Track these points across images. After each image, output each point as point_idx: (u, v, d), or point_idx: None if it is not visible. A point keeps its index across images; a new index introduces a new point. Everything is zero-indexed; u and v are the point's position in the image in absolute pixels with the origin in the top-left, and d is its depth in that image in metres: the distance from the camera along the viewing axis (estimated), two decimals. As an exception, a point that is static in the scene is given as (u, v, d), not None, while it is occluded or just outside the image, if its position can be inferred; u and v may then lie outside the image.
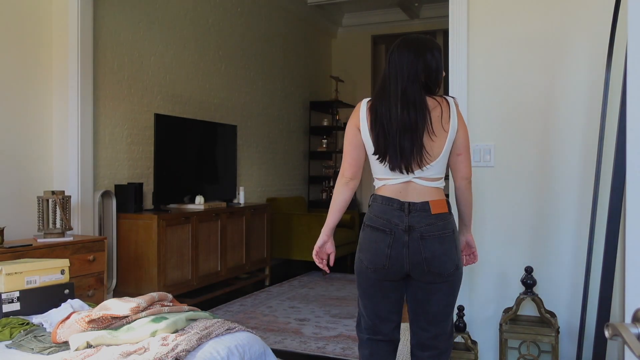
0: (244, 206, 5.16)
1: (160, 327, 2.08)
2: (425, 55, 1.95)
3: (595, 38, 2.64)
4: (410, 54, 1.95)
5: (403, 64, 1.95)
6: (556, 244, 2.74)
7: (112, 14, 4.26)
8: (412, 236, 1.91)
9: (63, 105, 3.71)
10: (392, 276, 1.96)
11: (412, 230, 1.91)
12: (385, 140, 1.92)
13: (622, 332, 0.75)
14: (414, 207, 1.92)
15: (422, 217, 1.92)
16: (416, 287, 1.98)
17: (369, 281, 2.01)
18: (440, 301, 1.98)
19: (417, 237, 1.91)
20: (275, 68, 6.70)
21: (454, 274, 1.96)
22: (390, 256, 1.93)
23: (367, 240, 1.99)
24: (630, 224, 0.98)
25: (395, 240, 1.92)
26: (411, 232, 1.91)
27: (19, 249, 2.94)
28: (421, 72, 1.94)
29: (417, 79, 1.94)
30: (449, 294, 1.99)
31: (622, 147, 2.26)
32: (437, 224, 1.92)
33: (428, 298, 1.98)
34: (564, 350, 2.70)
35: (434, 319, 2.01)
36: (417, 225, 1.91)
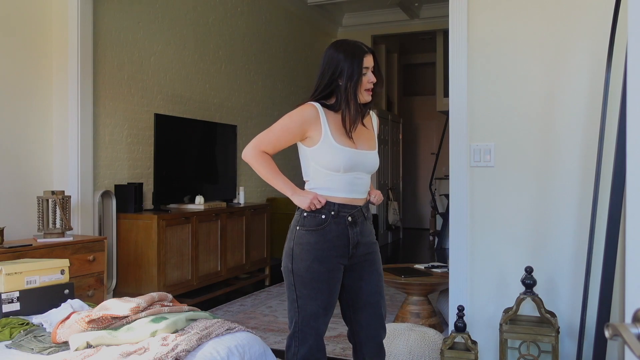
0: (244, 206, 5.16)
1: (160, 327, 2.08)
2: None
3: (595, 38, 2.64)
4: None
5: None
6: (556, 244, 2.74)
7: (112, 14, 4.26)
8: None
9: (63, 105, 3.71)
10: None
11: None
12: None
13: (622, 332, 0.75)
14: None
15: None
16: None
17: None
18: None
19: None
20: (275, 68, 6.70)
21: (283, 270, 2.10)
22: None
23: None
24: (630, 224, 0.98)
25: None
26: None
27: (19, 249, 2.94)
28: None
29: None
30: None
31: (622, 147, 2.26)
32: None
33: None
34: (564, 350, 2.70)
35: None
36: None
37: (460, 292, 2.89)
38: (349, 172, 2.01)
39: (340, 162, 1.98)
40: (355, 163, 2.01)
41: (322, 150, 2.00)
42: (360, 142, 2.05)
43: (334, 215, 2.00)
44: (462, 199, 2.89)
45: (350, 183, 2.02)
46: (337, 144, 1.99)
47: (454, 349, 2.64)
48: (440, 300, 3.98)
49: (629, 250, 0.99)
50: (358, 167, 2.02)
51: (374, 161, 2.08)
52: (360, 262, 2.08)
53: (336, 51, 2.02)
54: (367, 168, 2.06)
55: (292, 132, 2.03)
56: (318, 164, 2.03)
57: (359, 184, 2.04)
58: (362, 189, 2.07)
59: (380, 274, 2.15)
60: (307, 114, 2.01)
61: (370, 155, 2.07)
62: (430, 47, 9.30)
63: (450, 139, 2.92)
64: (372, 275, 2.11)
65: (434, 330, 3.00)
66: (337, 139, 2.00)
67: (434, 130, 10.12)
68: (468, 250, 2.89)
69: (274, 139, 2.05)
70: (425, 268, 4.05)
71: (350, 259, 2.05)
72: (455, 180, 2.91)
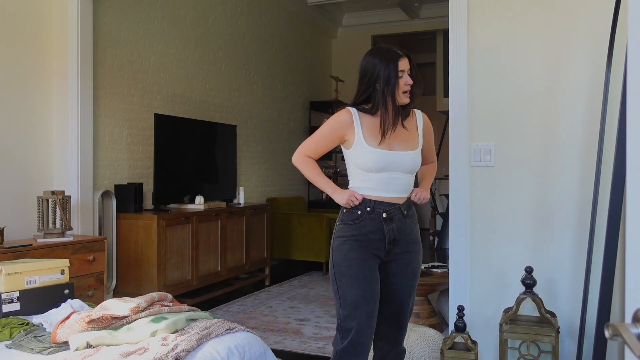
0: (244, 206, 5.16)
1: (160, 327, 2.08)
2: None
3: (595, 38, 2.64)
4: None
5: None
6: (556, 244, 2.74)
7: (112, 14, 4.26)
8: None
9: (63, 105, 3.71)
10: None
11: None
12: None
13: (622, 332, 0.75)
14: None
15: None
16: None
17: None
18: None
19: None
20: (275, 68, 6.70)
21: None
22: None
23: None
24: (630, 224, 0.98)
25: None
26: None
27: (19, 249, 2.94)
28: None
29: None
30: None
31: (622, 147, 2.26)
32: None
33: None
34: (564, 350, 2.70)
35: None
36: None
37: (460, 292, 2.89)
38: (382, 172, 2.10)
39: (372, 163, 2.09)
40: (387, 164, 2.09)
41: (357, 152, 2.12)
42: (396, 143, 2.12)
43: (369, 212, 2.10)
44: (462, 199, 2.89)
45: (385, 182, 2.11)
46: (369, 146, 2.09)
47: (454, 349, 2.64)
48: (440, 300, 3.98)
49: (629, 250, 0.99)
50: (392, 167, 2.10)
51: (412, 161, 2.12)
52: (397, 260, 2.15)
53: (372, 57, 2.12)
54: (403, 168, 2.11)
55: (329, 137, 2.19)
56: (355, 165, 2.15)
57: (395, 183, 2.11)
58: (398, 188, 2.12)
59: (416, 275, 2.20)
60: (342, 120, 2.14)
61: (406, 155, 2.11)
62: (430, 47, 9.30)
63: (450, 139, 2.92)
64: (406, 274, 2.17)
65: (434, 330, 3.00)
66: (370, 141, 2.10)
67: (434, 130, 10.10)
68: (468, 250, 2.89)
69: (313, 145, 2.22)
70: (425, 268, 4.05)
71: (387, 255, 2.13)
72: (455, 180, 2.91)
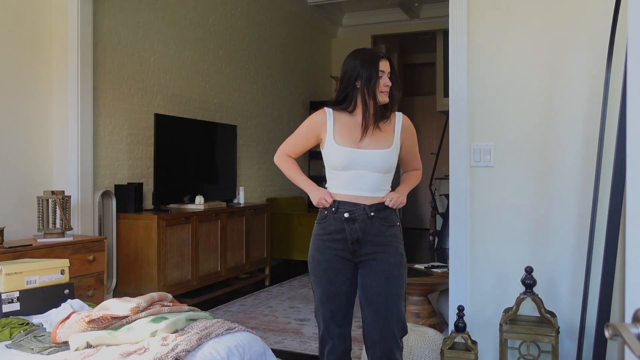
0: (244, 206, 5.16)
1: (160, 327, 2.08)
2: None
3: (595, 38, 2.64)
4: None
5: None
6: (556, 244, 2.74)
7: (112, 14, 4.26)
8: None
9: (63, 105, 3.71)
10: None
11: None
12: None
13: (622, 332, 0.75)
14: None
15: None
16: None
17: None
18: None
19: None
20: (275, 68, 6.70)
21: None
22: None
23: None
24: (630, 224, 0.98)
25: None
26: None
27: (19, 249, 2.94)
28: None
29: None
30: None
31: (622, 147, 2.26)
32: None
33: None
34: (564, 350, 2.70)
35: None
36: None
37: (460, 292, 2.89)
38: (348, 169, 2.12)
39: (338, 161, 2.12)
40: (353, 161, 2.10)
41: (327, 150, 2.17)
42: (368, 142, 2.13)
43: (334, 211, 2.14)
44: (462, 199, 2.89)
45: (350, 181, 2.12)
46: (336, 144, 2.13)
47: (454, 349, 2.64)
48: (440, 300, 3.98)
49: (629, 250, 0.99)
50: (358, 165, 2.11)
51: (380, 160, 2.11)
52: (368, 261, 2.13)
53: (354, 58, 2.18)
54: (371, 166, 2.11)
55: (305, 136, 2.25)
56: (326, 163, 2.20)
57: (361, 181, 2.11)
58: (365, 187, 2.12)
59: (389, 278, 2.12)
60: (316, 119, 2.21)
61: (374, 153, 2.11)
62: (430, 47, 9.30)
63: (450, 139, 2.92)
64: (378, 276, 2.12)
65: (434, 330, 2.99)
66: (339, 139, 2.14)
67: (434, 130, 10.12)
68: (468, 250, 2.89)
69: (292, 143, 2.29)
70: (425, 268, 4.05)
71: (355, 256, 2.14)
72: (455, 180, 2.91)
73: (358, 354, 3.20)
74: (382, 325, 2.12)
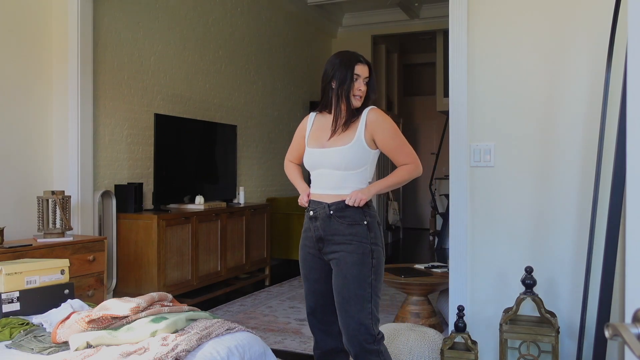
0: (244, 206, 5.16)
1: (160, 327, 2.08)
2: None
3: (595, 38, 2.64)
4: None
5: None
6: (556, 244, 2.74)
7: (112, 14, 4.26)
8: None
9: (63, 105, 3.71)
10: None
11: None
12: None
13: (622, 332, 0.75)
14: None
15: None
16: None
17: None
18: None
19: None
20: (275, 68, 6.70)
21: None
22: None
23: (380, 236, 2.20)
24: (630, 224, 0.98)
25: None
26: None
27: (19, 249, 2.94)
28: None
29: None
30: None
31: (622, 147, 2.26)
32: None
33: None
34: (564, 350, 2.70)
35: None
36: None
37: (460, 292, 2.89)
38: (314, 169, 2.20)
39: (305, 161, 2.23)
40: (315, 161, 2.18)
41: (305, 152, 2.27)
42: (333, 141, 2.16)
43: (307, 210, 2.24)
44: (462, 199, 2.89)
45: (315, 179, 2.20)
46: (307, 146, 2.23)
47: (454, 349, 2.64)
48: (440, 300, 3.98)
49: (629, 250, 0.99)
50: (320, 164, 2.17)
51: (337, 157, 2.11)
52: (332, 260, 2.15)
53: (334, 58, 2.22)
54: (329, 164, 2.13)
55: (297, 141, 2.36)
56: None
57: (323, 180, 2.16)
58: (326, 185, 2.15)
59: (345, 276, 2.07)
60: (301, 124, 2.33)
61: (332, 151, 2.13)
62: (430, 47, 9.30)
63: (450, 139, 2.92)
64: (337, 277, 2.11)
65: (434, 330, 3.00)
66: (310, 140, 2.23)
67: (434, 130, 10.12)
68: (468, 250, 2.89)
69: (290, 149, 2.41)
70: (425, 268, 4.05)
71: (321, 254, 2.19)
72: (455, 180, 2.91)
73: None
74: (344, 328, 2.09)
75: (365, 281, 2.07)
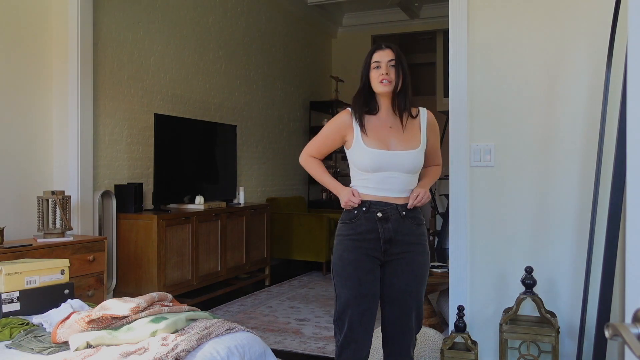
0: (244, 206, 5.16)
1: (160, 327, 2.08)
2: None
3: (595, 38, 2.64)
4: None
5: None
6: (556, 244, 2.74)
7: (112, 14, 4.26)
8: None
9: (63, 105, 3.71)
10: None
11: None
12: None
13: (622, 332, 0.75)
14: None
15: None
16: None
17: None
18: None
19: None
20: (275, 68, 6.70)
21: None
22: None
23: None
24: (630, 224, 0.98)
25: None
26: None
27: (19, 249, 2.94)
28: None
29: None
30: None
31: (622, 147, 2.26)
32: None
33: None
34: (564, 350, 2.69)
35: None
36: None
37: (460, 292, 2.89)
38: (378, 171, 2.09)
39: (368, 163, 2.09)
40: (382, 164, 2.08)
41: (355, 152, 2.13)
42: (395, 142, 2.11)
43: (365, 211, 2.10)
44: (462, 199, 2.89)
45: (381, 182, 2.10)
46: (366, 146, 2.10)
47: (454, 349, 2.64)
48: (440, 300, 3.98)
49: (629, 250, 0.99)
50: (388, 167, 2.09)
51: (409, 161, 2.10)
52: (397, 260, 2.12)
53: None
54: (401, 167, 2.09)
55: (331, 137, 2.23)
56: (354, 164, 2.17)
57: (392, 182, 2.09)
58: (396, 188, 2.10)
59: (417, 275, 2.14)
60: (341, 120, 2.19)
61: (404, 155, 2.09)
62: (430, 47, 9.29)
63: (450, 139, 2.92)
64: (405, 274, 2.12)
65: (434, 330, 2.99)
66: (368, 141, 2.11)
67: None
68: (468, 250, 2.89)
69: (317, 145, 2.29)
70: (425, 268, 4.04)
71: (385, 255, 2.12)
72: (455, 180, 2.91)
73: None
74: (404, 322, 2.14)
75: (426, 280, 2.20)
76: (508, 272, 2.81)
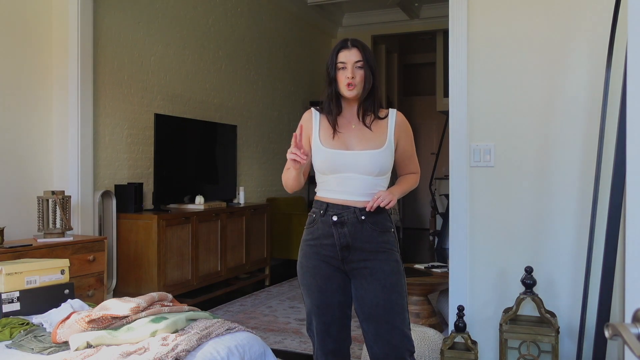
0: (244, 206, 5.16)
1: (160, 327, 2.08)
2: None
3: (595, 38, 2.64)
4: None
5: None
6: (556, 244, 2.74)
7: (112, 14, 4.26)
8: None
9: (63, 105, 3.71)
10: None
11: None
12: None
13: (622, 332, 0.75)
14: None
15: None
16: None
17: None
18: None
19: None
20: (275, 68, 6.70)
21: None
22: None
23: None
24: (630, 224, 0.98)
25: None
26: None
27: (19, 249, 2.94)
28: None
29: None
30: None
31: (622, 147, 2.26)
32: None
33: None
34: (564, 350, 2.70)
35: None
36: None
37: (460, 292, 2.89)
38: (335, 172, 1.96)
39: (322, 164, 1.98)
40: (338, 165, 1.95)
41: (314, 152, 2.02)
42: (355, 142, 1.98)
43: (322, 214, 1.97)
44: (462, 199, 2.89)
45: (339, 184, 1.96)
46: (322, 146, 1.98)
47: (454, 349, 2.64)
48: (440, 300, 3.98)
49: (629, 250, 0.99)
50: (345, 168, 1.95)
51: (368, 161, 1.94)
52: (360, 269, 1.96)
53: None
54: (359, 168, 1.94)
55: (302, 140, 2.03)
56: (314, 166, 2.04)
57: (350, 184, 1.95)
58: (355, 190, 1.95)
59: (386, 286, 1.93)
60: (304, 119, 2.07)
61: (362, 155, 1.94)
62: (430, 47, 9.30)
63: (450, 139, 2.92)
64: (372, 286, 1.94)
65: (434, 330, 3.00)
66: (325, 140, 1.99)
67: (434, 130, 10.12)
68: (468, 250, 2.89)
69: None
70: (425, 268, 4.05)
71: (345, 263, 1.97)
72: (455, 180, 2.91)
73: (358, 353, 3.20)
74: (386, 340, 1.93)
75: (403, 290, 1.98)
76: (508, 272, 2.81)
